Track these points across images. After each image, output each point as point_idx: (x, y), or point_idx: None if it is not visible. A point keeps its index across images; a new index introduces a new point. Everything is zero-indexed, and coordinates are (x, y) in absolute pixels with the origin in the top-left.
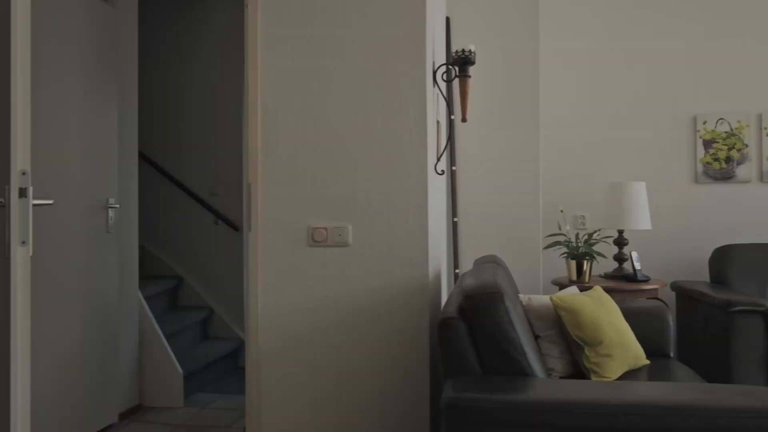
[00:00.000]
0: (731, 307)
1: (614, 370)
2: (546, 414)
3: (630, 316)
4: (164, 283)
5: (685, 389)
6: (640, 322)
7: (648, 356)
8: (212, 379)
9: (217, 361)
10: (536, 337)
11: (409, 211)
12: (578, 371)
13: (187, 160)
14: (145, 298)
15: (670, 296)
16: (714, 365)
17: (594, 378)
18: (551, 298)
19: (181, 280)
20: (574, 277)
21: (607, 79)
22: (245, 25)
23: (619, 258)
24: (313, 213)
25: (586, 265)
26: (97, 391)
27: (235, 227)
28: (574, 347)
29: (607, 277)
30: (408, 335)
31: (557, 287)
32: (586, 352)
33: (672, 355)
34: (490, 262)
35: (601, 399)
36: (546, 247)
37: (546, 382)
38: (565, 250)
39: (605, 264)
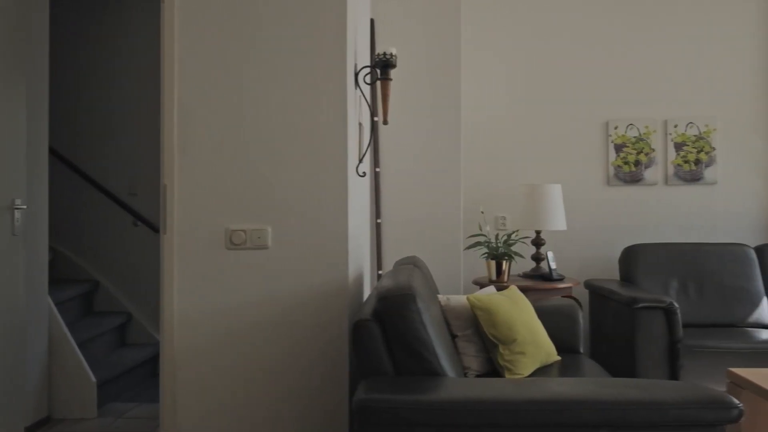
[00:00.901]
0: (636, 303)
1: (527, 366)
2: (453, 413)
3: (543, 314)
4: (78, 288)
5: (583, 385)
6: (553, 320)
7: (559, 352)
8: (129, 387)
9: (135, 368)
10: (454, 337)
11: (330, 213)
12: (494, 369)
13: (104, 159)
14: (57, 303)
15: (584, 294)
16: (621, 359)
17: (508, 375)
18: (468, 299)
19: (97, 285)
20: (494, 276)
21: (526, 84)
22: (161, 20)
23: (537, 258)
24: (231, 215)
25: (505, 265)
26: (1, 403)
27: (156, 229)
28: (489, 345)
29: (525, 276)
30: (327, 337)
31: (478, 287)
32: (501, 350)
33: (582, 351)
34: (408, 263)
35: (504, 396)
36: (467, 248)
37: (455, 382)
38: (485, 250)
39: (525, 263)
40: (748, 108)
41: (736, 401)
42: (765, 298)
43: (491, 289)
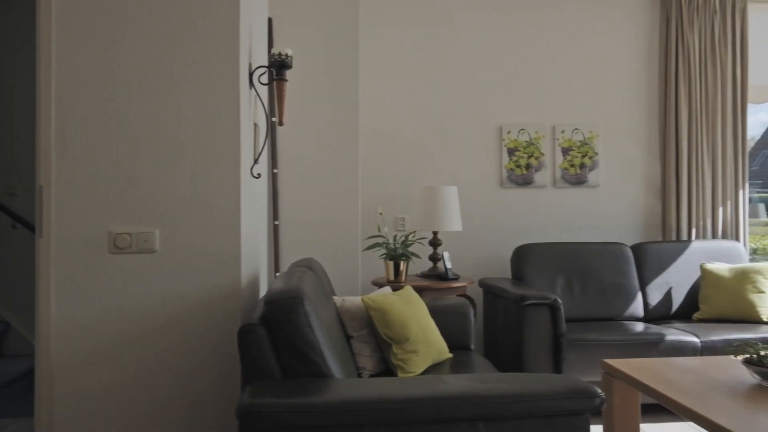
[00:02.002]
0: (524, 301)
1: (419, 365)
2: (336, 414)
3: (437, 313)
4: None
5: (462, 381)
6: (446, 319)
7: (452, 350)
8: (7, 402)
9: (14, 381)
10: (349, 338)
11: (221, 215)
12: (388, 368)
13: None
14: None
15: (478, 292)
16: (511, 354)
17: (400, 373)
18: (362, 299)
19: None
20: (392, 277)
21: (424, 88)
22: (37, 12)
23: (434, 258)
24: (115, 217)
25: (402, 266)
26: None
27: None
28: (383, 345)
29: (423, 276)
30: (219, 341)
31: (377, 287)
32: (394, 349)
33: (473, 347)
34: (301, 266)
35: (386, 395)
36: (365, 249)
37: (340, 383)
38: (383, 251)
39: (423, 263)
40: (627, 117)
41: (599, 391)
42: (639, 293)
43: (387, 289)
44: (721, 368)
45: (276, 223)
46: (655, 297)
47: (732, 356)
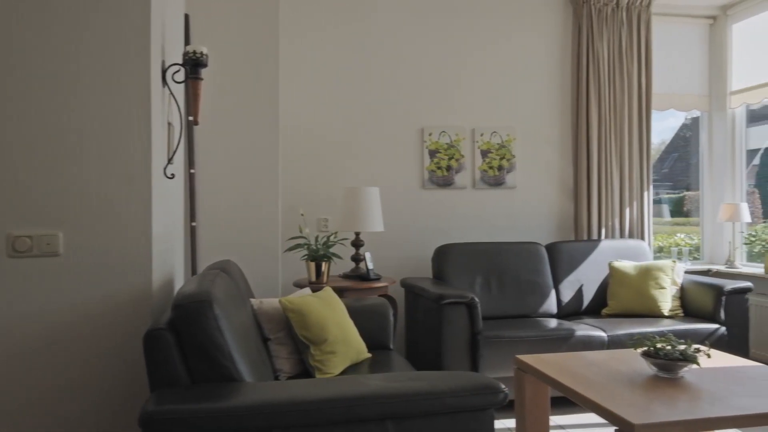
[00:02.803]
0: (442, 300)
1: (337, 365)
2: (243, 418)
3: (357, 313)
4: None
5: (372, 380)
6: (366, 319)
7: (372, 349)
8: None
9: None
10: (267, 340)
11: (131, 216)
12: (306, 370)
13: None
14: None
15: (400, 292)
16: (431, 352)
17: (318, 375)
18: (280, 301)
19: None
20: (314, 278)
21: (347, 89)
22: None
23: (356, 258)
24: (13, 219)
25: (324, 266)
26: None
27: None
28: (301, 347)
29: (345, 276)
30: (128, 348)
31: (299, 289)
32: (312, 350)
33: (392, 347)
34: (216, 268)
35: (295, 397)
36: (286, 250)
37: (250, 386)
38: (305, 252)
39: (346, 264)
40: (542, 121)
41: (502, 386)
42: (553, 291)
43: (307, 290)
44: (623, 361)
45: (193, 224)
46: (567, 294)
47: (632, 349)
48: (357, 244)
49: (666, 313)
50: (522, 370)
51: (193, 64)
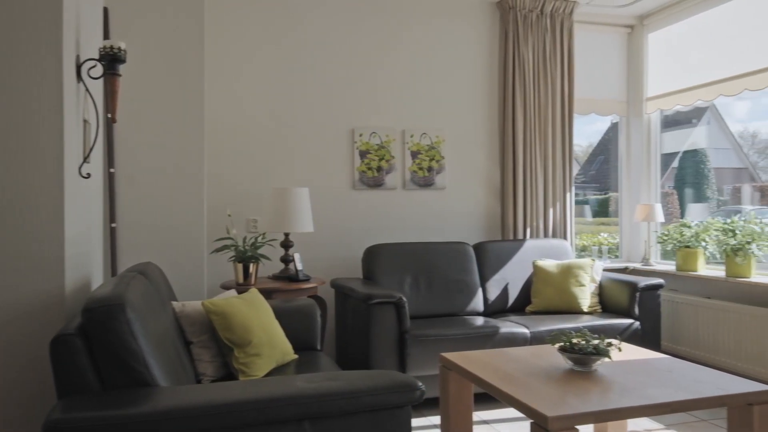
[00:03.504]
0: (370, 300)
1: (262, 368)
2: (153, 424)
3: (284, 314)
4: None
5: (288, 381)
6: (293, 320)
7: (299, 351)
8: None
9: None
10: (189, 343)
11: (42, 217)
12: (230, 373)
13: None
14: None
15: (330, 293)
16: (359, 352)
17: (242, 377)
18: (203, 304)
19: None
20: (241, 279)
21: (276, 89)
22: None
23: (285, 259)
24: None
25: (252, 268)
26: None
27: None
28: (225, 350)
29: (275, 278)
30: (38, 354)
31: (226, 291)
32: (236, 353)
33: (320, 348)
34: (133, 270)
35: (210, 401)
36: (213, 252)
37: (163, 391)
38: (232, 253)
39: (276, 265)
40: (471, 123)
41: (419, 384)
42: (480, 290)
43: (232, 292)
44: (542, 356)
45: (113, 225)
46: (493, 292)
47: (550, 345)
48: (286, 245)
49: (585, 310)
50: (446, 368)
51: (111, 60)
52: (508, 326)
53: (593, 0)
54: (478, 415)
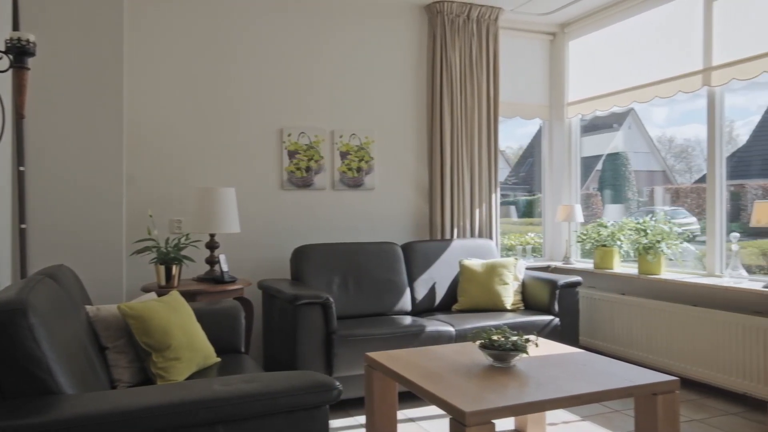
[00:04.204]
0: (297, 300)
1: (182, 372)
2: None
3: (206, 317)
4: None
5: (201, 385)
6: (216, 322)
7: (223, 353)
8: None
9: None
10: (104, 349)
11: None
12: (148, 378)
13: None
14: None
15: (258, 294)
16: (286, 354)
17: (160, 382)
18: (119, 307)
19: None
20: (164, 282)
21: (201, 87)
22: None
23: (211, 261)
24: None
25: (175, 270)
26: None
27: None
28: (143, 354)
29: (199, 279)
30: None
31: (151, 294)
32: (154, 357)
33: (243, 350)
34: (42, 274)
35: (117, 408)
36: (133, 253)
37: (67, 399)
38: (154, 255)
39: (202, 267)
40: (399, 124)
41: (336, 383)
42: (408, 289)
43: (152, 295)
44: (465, 353)
45: (23, 226)
46: (421, 292)
47: (472, 342)
48: (212, 246)
49: (509, 307)
50: (371, 367)
51: (18, 53)
52: (435, 325)
53: (517, 7)
54: (404, 413)
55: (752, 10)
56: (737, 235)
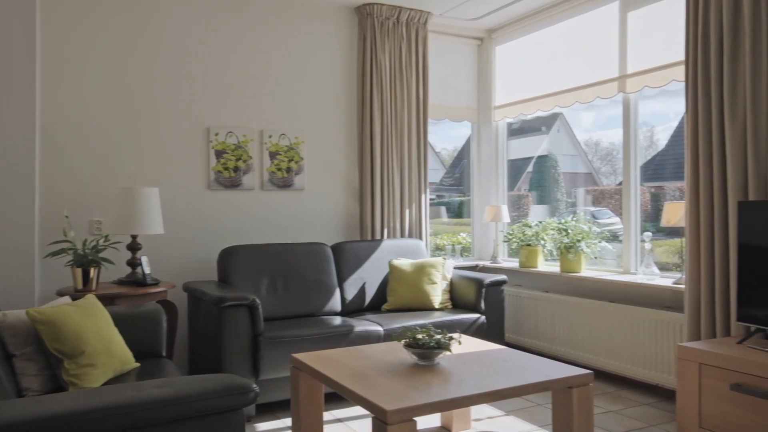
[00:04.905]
0: (222, 303)
1: (97, 378)
2: None
3: (126, 321)
4: None
5: (110, 391)
6: (136, 327)
7: (143, 358)
8: None
9: None
10: (11, 356)
11: None
12: (60, 386)
13: None
14: None
15: (183, 297)
16: (211, 358)
17: (73, 390)
18: (27, 313)
19: None
20: (81, 285)
21: (124, 81)
22: None
23: (132, 263)
24: None
25: (93, 273)
26: None
27: None
28: (54, 361)
29: (120, 282)
30: None
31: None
32: (66, 364)
33: (165, 354)
34: None
35: (13, 419)
36: (47, 256)
37: None
38: (71, 257)
39: (123, 269)
40: (330, 125)
41: (253, 386)
42: (338, 290)
43: (65, 299)
44: (391, 352)
45: None
46: (351, 292)
47: (397, 341)
48: (133, 247)
49: (437, 306)
50: (297, 369)
51: None
52: (364, 325)
53: (446, 12)
54: (333, 414)
55: (663, 22)
56: (650, 234)
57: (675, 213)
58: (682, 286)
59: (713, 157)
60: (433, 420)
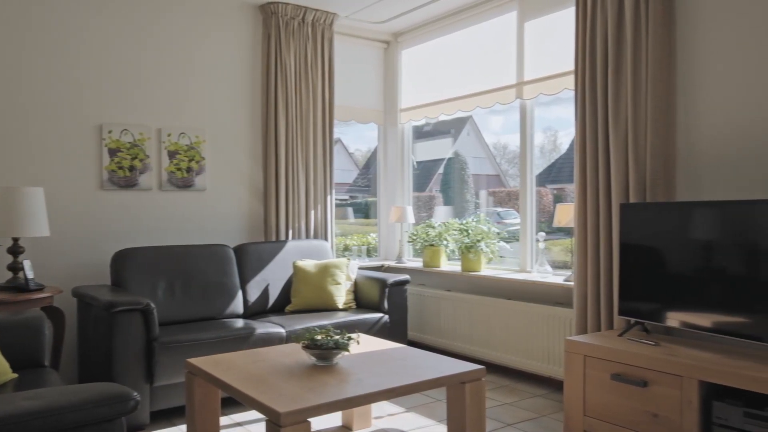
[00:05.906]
0: (113, 307)
1: None
2: None
3: (4, 329)
4: None
5: None
6: (15, 335)
7: (23, 368)
8: None
9: None
10: None
11: None
12: None
13: None
14: None
15: (73, 302)
16: (101, 366)
17: None
18: None
19: None
20: None
21: (3, 75)
22: None
23: (14, 267)
24: None
25: None
26: None
27: None
28: None
29: (0, 288)
30: None
31: None
32: None
33: (47, 363)
34: None
35: None
36: None
37: None
38: None
39: (4, 274)
40: (233, 124)
41: (133, 394)
42: (240, 292)
43: None
44: (291, 354)
45: None
46: (254, 294)
47: (296, 343)
48: (15, 251)
49: (341, 307)
50: (192, 374)
51: None
52: (266, 327)
53: (352, 14)
54: (232, 418)
55: (556, 32)
56: (543, 234)
57: (565, 214)
58: (572, 283)
59: (599, 162)
60: (335, 419)
